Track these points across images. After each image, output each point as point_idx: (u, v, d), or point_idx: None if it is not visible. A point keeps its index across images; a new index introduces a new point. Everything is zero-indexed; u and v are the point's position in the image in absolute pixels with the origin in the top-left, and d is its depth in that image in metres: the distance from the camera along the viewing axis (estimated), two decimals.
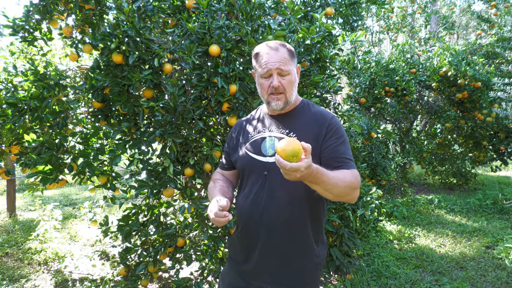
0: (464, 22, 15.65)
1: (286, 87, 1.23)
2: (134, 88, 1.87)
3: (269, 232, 1.23)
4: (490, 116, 5.14)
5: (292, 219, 1.22)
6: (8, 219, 4.83)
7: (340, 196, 1.10)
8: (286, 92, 1.24)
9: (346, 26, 4.41)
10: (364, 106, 5.62)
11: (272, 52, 1.23)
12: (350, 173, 1.13)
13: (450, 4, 10.85)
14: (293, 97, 1.27)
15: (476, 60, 5.17)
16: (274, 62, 1.21)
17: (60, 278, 3.06)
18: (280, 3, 2.49)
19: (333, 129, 1.23)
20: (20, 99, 1.85)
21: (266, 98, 1.26)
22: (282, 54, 1.23)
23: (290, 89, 1.24)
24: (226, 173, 1.45)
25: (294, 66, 1.28)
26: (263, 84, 1.25)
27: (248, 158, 1.28)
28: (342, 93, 7.90)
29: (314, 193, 1.22)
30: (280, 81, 1.22)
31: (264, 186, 1.23)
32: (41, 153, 1.83)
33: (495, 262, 3.26)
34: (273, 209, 1.21)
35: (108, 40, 1.79)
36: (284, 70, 1.21)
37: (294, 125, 1.26)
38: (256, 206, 1.24)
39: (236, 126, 1.45)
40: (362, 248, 3.55)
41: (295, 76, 1.27)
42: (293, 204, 1.22)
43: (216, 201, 1.13)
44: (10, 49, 2.81)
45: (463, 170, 6.21)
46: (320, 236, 1.30)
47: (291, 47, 1.26)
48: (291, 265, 1.24)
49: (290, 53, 1.26)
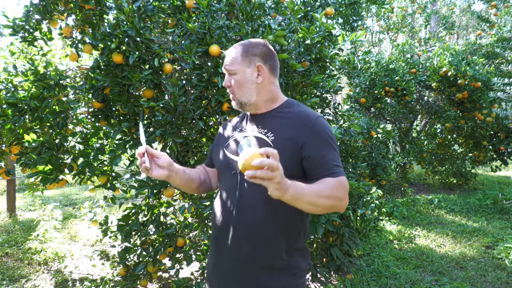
0: (464, 22, 15.65)
1: (234, 88, 1.20)
2: (134, 88, 1.87)
3: (237, 236, 1.14)
4: (490, 116, 5.14)
5: (260, 223, 1.12)
6: (8, 219, 4.83)
7: (326, 209, 1.03)
8: (235, 93, 1.20)
9: (346, 26, 4.41)
10: (364, 106, 5.62)
11: (227, 53, 1.23)
12: (333, 183, 1.03)
13: (450, 4, 10.85)
14: (246, 97, 1.20)
15: (476, 60, 5.17)
16: (225, 62, 1.21)
17: (60, 278, 3.06)
18: (280, 3, 2.49)
19: (317, 131, 1.12)
20: (20, 99, 1.85)
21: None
22: (234, 54, 1.20)
23: (238, 89, 1.19)
24: (208, 170, 1.41)
25: (249, 66, 1.19)
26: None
27: (225, 157, 1.23)
28: (342, 93, 7.91)
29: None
30: (230, 81, 1.20)
31: (235, 186, 1.16)
32: (41, 153, 1.83)
33: (495, 262, 3.26)
34: (241, 211, 1.14)
35: (108, 40, 1.79)
36: (229, 70, 1.19)
37: (273, 125, 1.18)
38: (227, 207, 1.18)
39: (223, 125, 1.42)
40: (362, 248, 3.55)
41: (246, 76, 1.18)
42: (261, 206, 1.12)
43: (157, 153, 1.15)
44: (10, 49, 2.81)
45: (463, 170, 6.21)
46: (295, 246, 1.17)
47: (249, 48, 1.19)
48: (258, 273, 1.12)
49: (243, 54, 1.19)
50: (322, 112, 2.62)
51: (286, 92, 2.15)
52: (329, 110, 2.73)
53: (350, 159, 3.05)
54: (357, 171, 3.04)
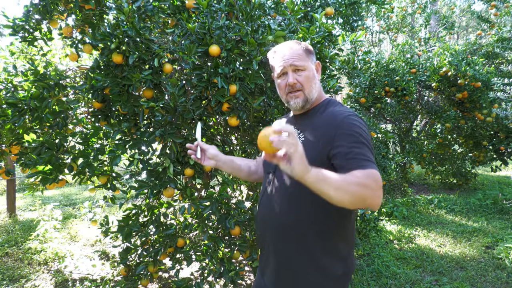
0: (464, 22, 15.65)
1: (304, 83, 1.17)
2: (134, 88, 1.87)
3: (271, 235, 1.20)
4: (490, 116, 5.14)
5: (290, 223, 1.14)
6: (8, 219, 4.83)
7: (357, 198, 0.89)
8: (304, 89, 1.18)
9: (346, 26, 4.41)
10: (364, 106, 5.62)
11: (286, 50, 1.20)
12: (362, 173, 0.93)
13: (450, 4, 10.85)
14: (313, 94, 1.20)
15: (476, 60, 5.17)
16: (287, 59, 1.17)
17: (60, 278, 3.06)
18: (280, 3, 2.49)
19: (344, 128, 1.05)
20: (20, 99, 1.85)
21: (285, 98, 1.22)
22: (296, 51, 1.19)
23: (309, 85, 1.18)
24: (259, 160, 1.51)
25: (312, 62, 1.22)
26: (280, 84, 1.22)
27: (265, 160, 1.30)
28: (342, 93, 7.90)
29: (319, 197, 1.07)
30: (296, 78, 1.17)
31: (268, 189, 1.23)
32: (41, 153, 1.83)
33: (495, 262, 3.26)
34: (272, 210, 1.18)
35: (108, 40, 1.79)
36: (298, 66, 1.17)
37: (306, 126, 1.19)
38: (262, 207, 1.24)
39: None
40: (362, 248, 3.55)
41: (313, 72, 1.21)
42: (292, 205, 1.14)
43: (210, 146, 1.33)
44: (10, 49, 2.81)
45: (463, 170, 6.21)
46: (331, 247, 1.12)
47: (308, 45, 1.23)
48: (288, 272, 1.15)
49: (306, 50, 1.22)
50: None
51: None
52: None
53: None
54: None
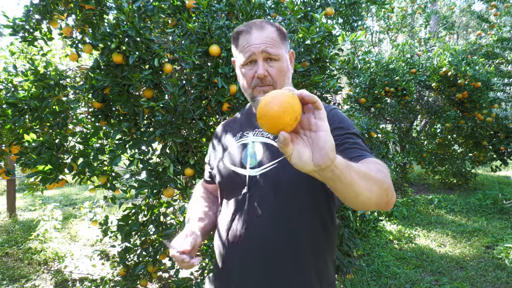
0: (464, 22, 15.65)
1: (276, 77, 0.93)
2: (134, 88, 1.87)
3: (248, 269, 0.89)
4: (490, 116, 5.14)
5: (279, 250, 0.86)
6: (8, 219, 4.83)
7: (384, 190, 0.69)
8: (276, 84, 0.94)
9: (346, 26, 4.41)
10: (364, 106, 5.62)
11: (256, 32, 0.93)
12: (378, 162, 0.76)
13: (450, 4, 10.84)
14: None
15: (476, 60, 5.17)
16: (259, 43, 0.91)
17: (60, 278, 3.06)
18: (280, 3, 2.49)
19: (335, 122, 0.90)
20: (20, 99, 1.85)
21: (250, 93, 0.96)
22: (270, 34, 0.93)
23: (282, 80, 0.94)
24: (210, 187, 1.16)
25: (286, 51, 0.97)
26: (246, 74, 0.95)
27: (227, 171, 0.97)
28: (342, 93, 7.91)
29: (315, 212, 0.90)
30: (268, 69, 0.92)
31: (243, 208, 0.91)
32: (41, 153, 1.83)
33: (495, 262, 3.26)
34: (252, 237, 0.89)
35: (108, 40, 1.79)
36: (272, 54, 0.91)
37: None
38: (233, 234, 0.91)
39: (217, 131, 1.15)
40: (362, 248, 3.55)
41: (288, 64, 0.97)
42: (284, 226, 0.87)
43: (185, 235, 0.88)
44: (10, 49, 2.81)
45: (463, 170, 6.21)
46: (324, 273, 0.91)
47: (281, 27, 0.97)
48: None
49: (281, 34, 0.96)
50: None
51: None
52: None
53: None
54: None
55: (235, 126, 1.09)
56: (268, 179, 0.90)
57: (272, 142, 0.95)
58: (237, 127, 1.07)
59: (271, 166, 0.91)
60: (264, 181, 0.90)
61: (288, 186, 0.88)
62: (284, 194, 0.88)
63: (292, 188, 0.88)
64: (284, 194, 0.88)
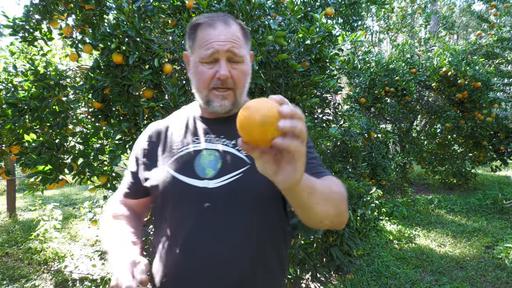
0: (464, 22, 15.65)
1: (238, 81, 0.85)
2: (134, 88, 1.87)
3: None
4: (490, 116, 5.15)
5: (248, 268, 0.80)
6: (8, 219, 4.83)
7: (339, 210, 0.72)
8: (237, 89, 0.85)
9: (346, 26, 4.41)
10: (364, 106, 5.62)
11: (221, 26, 0.83)
12: (338, 182, 0.77)
13: (450, 4, 10.85)
14: (243, 96, 0.89)
15: (476, 60, 5.17)
16: (223, 41, 0.81)
17: (60, 278, 3.06)
18: (280, 3, 2.49)
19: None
20: (20, 99, 1.85)
21: (205, 95, 0.86)
22: (235, 32, 0.84)
23: (242, 84, 0.86)
24: (132, 204, 0.96)
25: (248, 52, 0.89)
26: (204, 73, 0.83)
27: (174, 182, 0.83)
28: (342, 93, 7.91)
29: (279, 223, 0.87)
30: (230, 71, 0.83)
31: (203, 224, 0.80)
32: (41, 153, 1.83)
33: (495, 262, 3.26)
34: (221, 259, 0.78)
35: (108, 40, 1.79)
36: (237, 55, 0.83)
37: (232, 134, 0.88)
38: (192, 256, 0.79)
39: (148, 134, 0.96)
40: (362, 248, 3.55)
41: (249, 67, 0.89)
42: (253, 248, 0.81)
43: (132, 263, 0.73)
44: (10, 49, 2.81)
45: (463, 170, 6.21)
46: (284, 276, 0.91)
47: (244, 25, 0.90)
48: None
49: (245, 33, 0.88)
50: (322, 112, 2.62)
51: (286, 93, 2.15)
52: (329, 110, 2.73)
53: (350, 159, 3.05)
54: (357, 171, 3.03)
55: (175, 130, 0.93)
56: (231, 192, 0.81)
57: (232, 150, 0.86)
58: (179, 131, 0.93)
59: (234, 177, 0.82)
60: (226, 194, 0.81)
61: (253, 199, 0.82)
62: (250, 208, 0.81)
63: (257, 200, 0.82)
64: (250, 207, 0.81)
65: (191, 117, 0.95)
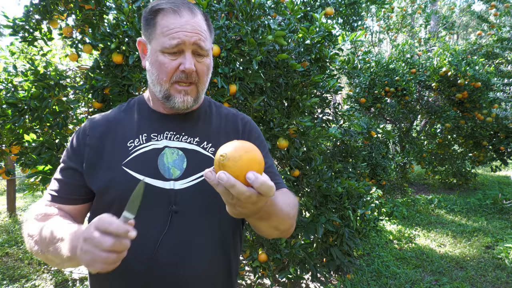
0: (464, 22, 15.65)
1: (201, 75, 0.80)
2: (134, 88, 1.87)
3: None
4: (490, 116, 5.15)
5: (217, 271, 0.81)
6: (8, 219, 4.83)
7: (285, 231, 0.77)
8: (199, 84, 0.81)
9: (346, 26, 4.41)
10: (364, 106, 5.62)
11: (187, 15, 0.77)
12: (291, 195, 0.81)
13: (450, 4, 10.85)
14: (204, 91, 0.85)
15: (476, 60, 5.17)
16: (190, 32, 0.76)
17: (60, 278, 3.06)
18: (280, 3, 2.49)
19: (253, 134, 0.89)
20: (20, 99, 1.85)
21: (166, 88, 0.79)
22: (201, 23, 0.79)
23: (205, 79, 0.82)
24: (66, 210, 0.80)
25: (211, 46, 0.85)
26: (166, 64, 0.77)
27: (135, 183, 0.69)
28: (342, 93, 7.91)
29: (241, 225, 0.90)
30: (195, 64, 0.78)
31: (169, 228, 0.75)
32: (41, 153, 1.83)
33: (495, 262, 3.26)
34: (190, 264, 0.76)
35: (108, 40, 1.79)
36: (203, 49, 0.78)
37: (206, 131, 0.85)
38: (160, 264, 0.74)
39: (92, 127, 0.83)
40: (362, 248, 3.55)
41: (212, 61, 0.85)
42: (218, 252, 0.80)
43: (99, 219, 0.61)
44: (10, 49, 2.81)
45: (463, 170, 6.22)
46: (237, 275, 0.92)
47: (207, 15, 0.85)
48: None
49: (209, 25, 0.83)
50: (322, 112, 2.62)
51: (286, 92, 2.15)
52: (329, 110, 2.73)
53: (350, 159, 3.05)
54: (357, 171, 3.04)
55: (127, 125, 0.84)
56: (199, 193, 0.78)
57: (197, 148, 0.81)
58: (131, 127, 0.83)
59: (202, 177, 0.79)
60: (195, 195, 0.78)
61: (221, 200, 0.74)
62: (219, 209, 0.75)
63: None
64: (218, 209, 0.75)
65: (143, 111, 0.86)
